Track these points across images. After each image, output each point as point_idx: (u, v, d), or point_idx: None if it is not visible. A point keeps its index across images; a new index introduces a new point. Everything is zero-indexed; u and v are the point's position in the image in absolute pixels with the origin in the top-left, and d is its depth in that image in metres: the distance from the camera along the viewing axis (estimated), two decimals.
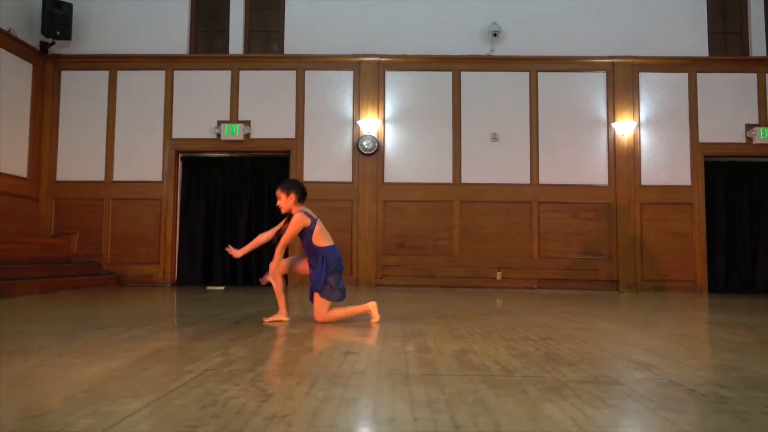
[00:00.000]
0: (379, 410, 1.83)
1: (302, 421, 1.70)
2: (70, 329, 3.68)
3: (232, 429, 1.61)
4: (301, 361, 2.70)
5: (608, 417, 1.80)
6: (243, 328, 3.81)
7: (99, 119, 9.54)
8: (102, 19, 9.64)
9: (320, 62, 9.56)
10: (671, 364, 2.74)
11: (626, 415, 1.84)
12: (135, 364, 2.54)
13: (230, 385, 2.12)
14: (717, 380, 2.39)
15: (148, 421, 1.68)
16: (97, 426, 1.61)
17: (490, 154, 9.43)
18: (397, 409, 1.84)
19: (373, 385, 2.21)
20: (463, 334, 3.65)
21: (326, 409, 1.84)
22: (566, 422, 1.72)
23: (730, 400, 2.05)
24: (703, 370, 2.62)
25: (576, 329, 4.05)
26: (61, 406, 1.83)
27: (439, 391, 2.10)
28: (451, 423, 1.69)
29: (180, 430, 1.59)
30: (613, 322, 4.66)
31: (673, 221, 9.26)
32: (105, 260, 9.37)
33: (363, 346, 3.14)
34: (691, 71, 9.43)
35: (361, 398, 1.98)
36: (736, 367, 2.72)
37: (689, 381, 2.35)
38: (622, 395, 2.09)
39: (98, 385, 2.13)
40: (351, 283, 9.22)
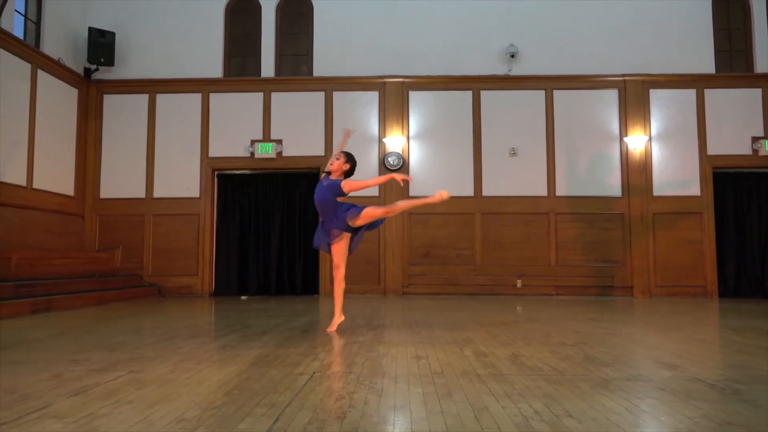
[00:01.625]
0: (472, 401, 2.37)
1: (418, 409, 2.24)
2: (165, 339, 4.24)
3: (370, 414, 2.15)
4: (385, 364, 3.24)
5: (651, 405, 2.33)
6: (314, 338, 4.34)
7: (140, 140, 10.14)
8: (142, 46, 10.25)
9: (347, 83, 10.14)
10: (693, 364, 3.27)
11: (664, 404, 2.37)
12: (251, 368, 3.09)
13: (344, 384, 2.67)
14: (733, 377, 2.91)
15: (305, 410, 2.22)
16: (270, 413, 2.15)
17: (509, 169, 9.96)
18: (484, 400, 2.38)
19: (455, 383, 2.74)
20: (505, 341, 4.18)
21: (430, 400, 2.38)
22: (619, 409, 2.25)
23: (743, 392, 2.57)
24: (720, 369, 3.14)
25: (604, 335, 4.57)
26: (230, 399, 2.38)
27: (510, 387, 2.63)
28: (532, 410, 2.23)
29: (332, 417, 2.13)
30: (635, 327, 5.18)
31: (684, 230, 9.77)
32: (146, 273, 9.95)
33: (427, 351, 3.67)
34: (699, 87, 9.95)
35: (454, 393, 2.52)
36: (749, 366, 3.24)
37: (710, 378, 2.87)
38: (657, 389, 2.62)
39: (240, 384, 2.68)
40: (379, 291, 9.79)
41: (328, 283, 9.86)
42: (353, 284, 9.80)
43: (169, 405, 2.29)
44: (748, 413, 2.21)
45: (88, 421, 2.07)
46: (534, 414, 2.16)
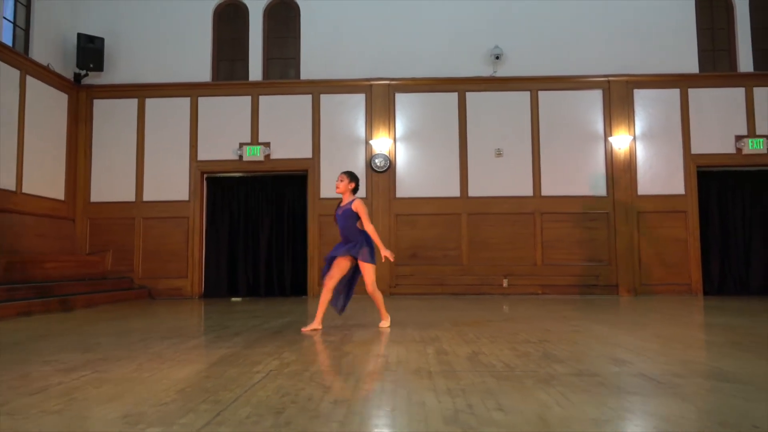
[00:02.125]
0: (412, 397, 2.47)
1: (357, 404, 2.34)
2: (140, 340, 4.34)
3: (307, 409, 2.25)
4: (344, 362, 3.34)
5: (582, 399, 2.42)
6: (285, 337, 4.45)
7: (129, 144, 10.26)
8: (131, 51, 10.36)
9: (334, 86, 10.24)
10: (645, 359, 3.36)
11: (595, 397, 2.46)
12: (212, 367, 3.19)
13: (295, 381, 2.77)
14: (677, 372, 3.01)
15: (247, 405, 2.32)
16: (214, 408, 2.26)
17: (495, 169, 10.06)
18: (425, 396, 2.48)
19: (404, 379, 2.84)
20: (473, 339, 4.28)
21: (373, 396, 2.48)
22: (550, 402, 2.35)
23: (680, 385, 2.67)
24: (669, 365, 3.23)
25: (571, 332, 4.67)
26: (179, 396, 2.48)
27: (455, 383, 2.73)
28: (466, 404, 2.32)
29: (271, 412, 2.23)
30: (605, 325, 5.27)
31: (669, 228, 9.85)
32: (137, 275, 10.06)
33: (390, 350, 3.77)
34: (683, 87, 10.04)
35: (398, 389, 2.62)
36: (698, 361, 3.33)
37: (654, 372, 2.97)
38: (598, 384, 2.71)
39: (196, 382, 2.78)
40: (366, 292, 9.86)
41: (317, 284, 9.97)
42: (341, 285, 9.92)
43: (120, 402, 2.39)
44: (674, 405, 2.31)
45: (38, 417, 2.17)
46: (466, 407, 2.26)
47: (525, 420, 2.09)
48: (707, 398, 2.45)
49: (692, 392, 2.54)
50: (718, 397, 2.48)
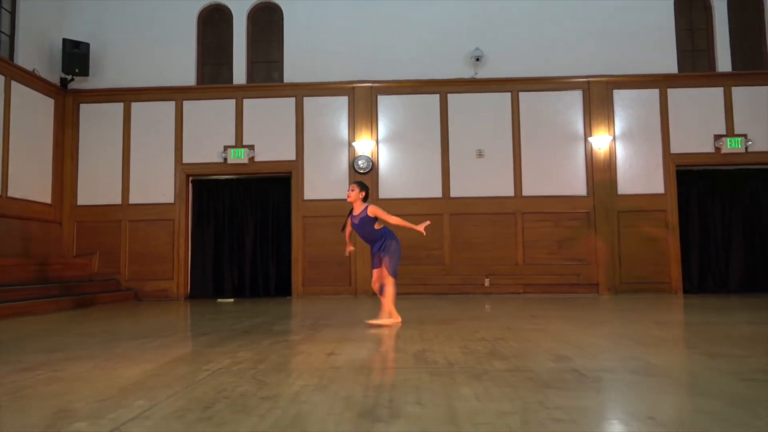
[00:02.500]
0: (340, 392, 2.58)
1: (285, 399, 2.46)
2: (108, 340, 4.47)
3: (236, 404, 2.37)
4: (293, 360, 3.46)
5: (503, 393, 2.53)
6: (250, 337, 4.57)
7: (115, 147, 10.39)
8: (117, 55, 10.50)
9: (317, 89, 10.36)
10: (586, 356, 3.47)
11: (517, 391, 2.57)
12: (165, 365, 3.31)
13: (236, 378, 2.89)
14: (610, 367, 3.12)
15: (181, 401, 2.44)
16: (147, 404, 2.37)
17: (477, 170, 10.17)
18: (354, 391, 2.59)
19: (343, 376, 2.96)
20: (430, 337, 4.39)
21: (304, 392, 2.59)
22: (470, 396, 2.46)
23: (604, 380, 2.78)
24: (607, 361, 3.35)
25: (530, 330, 4.79)
26: (119, 393, 2.60)
27: (390, 379, 2.85)
28: (388, 399, 2.44)
29: (200, 407, 2.35)
30: (568, 323, 5.38)
31: (649, 227, 9.96)
32: (123, 277, 10.19)
33: (344, 348, 3.89)
34: (662, 87, 10.15)
35: (331, 385, 2.73)
36: (637, 358, 3.44)
37: (587, 368, 3.08)
38: (526, 379, 2.83)
39: (141, 380, 2.90)
40: (350, 292, 10.01)
41: (301, 284, 10.10)
42: (325, 286, 10.09)
43: (60, 399, 2.51)
44: (584, 399, 2.42)
45: None
46: (387, 402, 2.38)
47: (435, 413, 2.21)
48: (621, 392, 2.56)
49: (610, 387, 2.65)
50: (633, 390, 2.59)
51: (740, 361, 3.24)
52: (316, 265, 10.09)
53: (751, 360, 3.31)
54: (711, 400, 2.37)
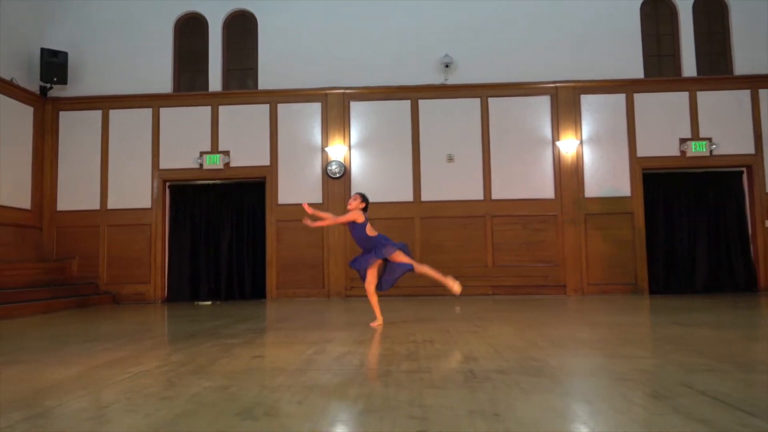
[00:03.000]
0: (237, 393, 2.80)
1: (181, 399, 2.67)
2: (58, 344, 4.69)
3: (132, 404, 2.59)
4: (217, 363, 3.67)
5: (386, 392, 2.75)
6: (194, 340, 4.79)
7: (94, 154, 10.62)
8: (95, 64, 10.73)
9: (291, 96, 10.58)
10: (492, 357, 3.68)
11: (400, 390, 2.78)
12: (95, 368, 3.53)
13: (151, 380, 3.11)
14: (507, 368, 3.33)
15: (85, 401, 2.66)
16: (53, 404, 2.59)
17: (447, 174, 10.38)
18: (249, 392, 2.81)
19: (251, 377, 3.17)
20: (365, 340, 4.61)
21: (203, 392, 2.81)
22: (352, 395, 2.68)
23: (489, 380, 2.99)
24: (510, 362, 3.55)
25: (466, 332, 5.00)
26: (34, 394, 2.82)
27: (296, 380, 3.06)
28: (275, 398, 2.65)
29: (100, 406, 2.57)
30: (509, 324, 5.59)
31: (615, 229, 10.16)
32: (102, 281, 10.42)
33: (273, 351, 4.11)
34: (628, 92, 10.35)
35: (233, 386, 2.95)
36: (540, 359, 3.65)
37: (485, 368, 3.29)
38: (417, 380, 3.04)
39: (63, 382, 3.12)
40: (323, 295, 10.23)
41: (275, 287, 10.32)
42: (298, 288, 10.31)
43: None
44: (453, 399, 2.63)
45: None
46: (272, 402, 2.59)
47: (307, 412, 2.42)
48: (491, 391, 2.77)
49: (490, 386, 2.86)
50: (507, 391, 2.79)
51: (632, 362, 3.45)
52: (289, 267, 10.31)
53: (645, 361, 3.52)
54: (571, 398, 2.58)
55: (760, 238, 10.06)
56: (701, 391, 2.67)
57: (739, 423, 2.18)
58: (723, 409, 2.36)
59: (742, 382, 2.88)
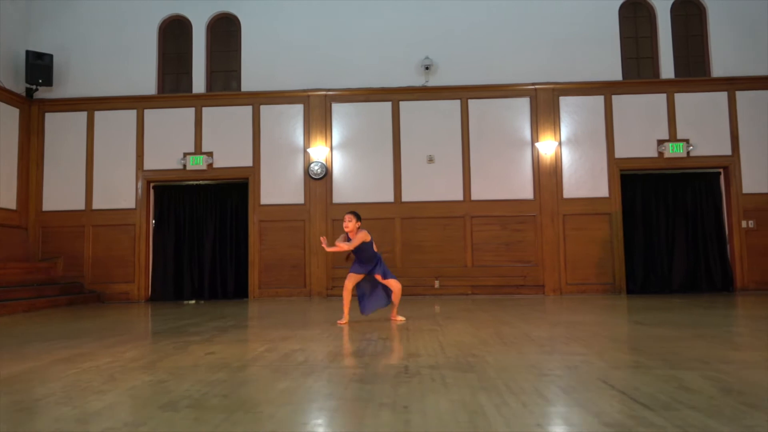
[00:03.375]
0: (171, 387, 2.92)
1: (112, 395, 2.80)
2: (23, 342, 4.81)
3: (68, 396, 2.71)
4: (166, 360, 3.79)
5: (310, 384, 2.87)
6: (157, 338, 4.91)
7: (79, 155, 10.75)
8: (80, 66, 10.86)
9: (274, 97, 10.71)
10: (435, 353, 3.80)
11: (328, 383, 2.90)
12: (49, 365, 3.65)
13: (93, 376, 3.23)
14: (442, 363, 3.44)
15: (20, 395, 2.78)
16: None
17: (427, 175, 10.50)
18: (182, 386, 2.93)
19: (194, 372, 3.29)
20: (320, 338, 4.72)
21: (138, 386, 2.93)
22: (279, 388, 2.80)
23: (421, 375, 3.11)
24: (447, 358, 3.67)
25: (424, 331, 5.11)
26: None
27: (232, 376, 3.18)
28: (203, 392, 2.77)
29: (32, 399, 2.69)
30: (471, 323, 5.71)
31: (594, 230, 10.28)
32: (87, 280, 10.55)
33: (227, 350, 4.22)
34: (607, 94, 10.46)
35: (168, 381, 3.07)
36: (479, 355, 3.76)
37: (421, 364, 3.41)
38: (350, 374, 3.16)
39: (9, 378, 3.24)
40: (305, 294, 10.35)
41: (257, 287, 10.44)
42: (280, 288, 10.43)
43: None
44: (381, 391, 2.75)
45: None
46: (200, 396, 2.71)
47: (228, 403, 2.54)
48: (417, 386, 2.88)
49: (416, 381, 2.97)
50: (429, 385, 2.90)
51: (565, 359, 3.57)
52: (271, 267, 10.44)
53: (579, 357, 3.63)
54: (486, 392, 2.70)
55: (736, 238, 10.17)
56: (612, 386, 2.78)
57: (629, 415, 2.29)
58: (622, 403, 2.47)
59: (659, 378, 2.99)
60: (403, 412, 2.38)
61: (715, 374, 3.02)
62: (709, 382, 2.85)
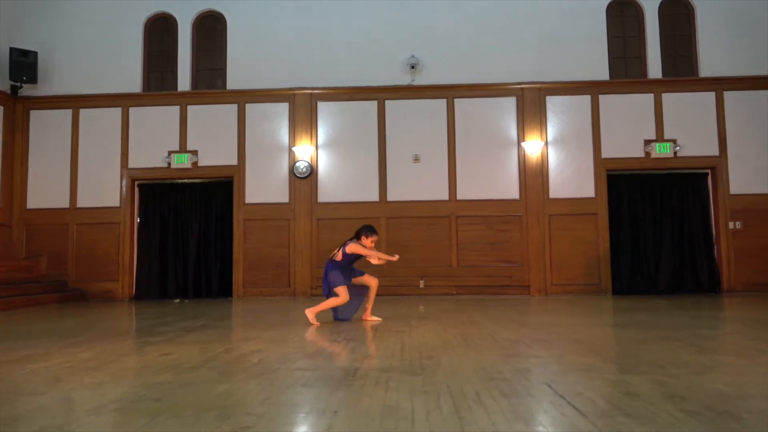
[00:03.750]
0: (108, 389, 2.87)
1: (47, 397, 2.75)
2: None
3: (4, 399, 2.66)
4: (119, 360, 3.74)
5: (251, 388, 2.82)
6: (120, 337, 4.87)
7: (64, 153, 10.71)
8: (65, 63, 10.82)
9: (259, 96, 10.66)
10: (392, 356, 3.75)
11: (269, 387, 2.85)
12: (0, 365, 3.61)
13: (39, 377, 3.18)
14: (394, 366, 3.39)
15: None
16: None
17: (413, 174, 10.44)
18: (119, 389, 2.88)
19: (138, 375, 3.25)
20: (287, 339, 4.67)
21: (76, 388, 2.89)
22: (222, 390, 2.75)
23: (368, 378, 3.06)
24: (403, 361, 3.61)
25: (392, 332, 5.06)
26: None
27: (173, 377, 3.13)
28: (139, 395, 2.73)
29: None
30: (443, 324, 5.65)
31: (580, 230, 10.21)
32: (71, 279, 10.51)
33: (184, 351, 4.17)
34: (594, 93, 10.39)
35: (114, 381, 3.02)
36: (435, 357, 3.71)
37: (372, 367, 3.36)
38: (298, 377, 3.11)
39: None
40: (289, 294, 10.31)
41: (242, 286, 10.39)
42: (264, 287, 10.39)
43: None
44: (317, 395, 2.70)
45: None
46: (135, 397, 2.67)
47: (159, 406, 2.50)
48: (357, 390, 2.83)
49: (358, 385, 2.92)
50: (371, 389, 2.85)
51: (519, 361, 3.52)
52: (256, 266, 10.39)
53: (533, 360, 3.58)
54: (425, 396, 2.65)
55: (723, 239, 10.11)
56: (555, 391, 2.74)
57: (558, 421, 2.24)
58: (558, 409, 2.42)
59: (607, 382, 2.94)
60: (332, 416, 2.33)
61: (664, 378, 2.97)
62: (656, 387, 2.80)
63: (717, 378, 3.00)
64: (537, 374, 3.16)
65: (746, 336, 4.61)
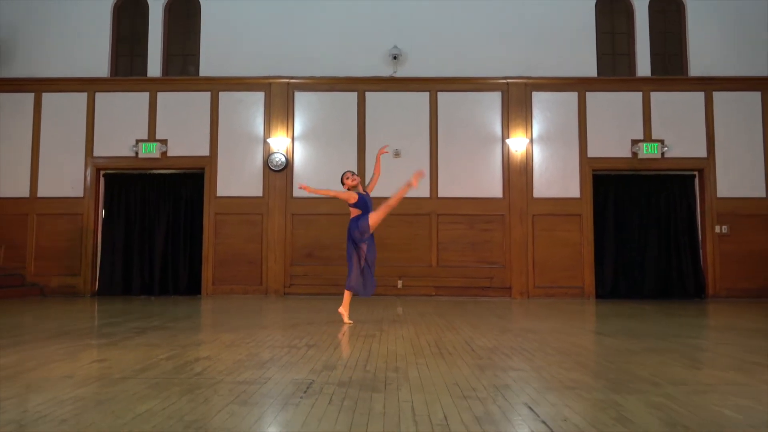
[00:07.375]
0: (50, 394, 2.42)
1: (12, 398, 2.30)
2: None
3: None
4: (45, 366, 3.27)
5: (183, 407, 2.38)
6: (55, 340, 4.37)
7: (24, 139, 10.12)
8: (28, 44, 10.22)
9: (233, 84, 10.16)
10: (356, 366, 3.33)
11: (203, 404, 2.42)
12: None
13: None
14: (354, 379, 2.97)
15: None
16: None
17: (393, 170, 9.94)
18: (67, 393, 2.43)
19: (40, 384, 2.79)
20: (243, 344, 4.23)
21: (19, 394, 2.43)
22: (144, 409, 2.31)
23: (321, 395, 2.64)
24: (366, 372, 3.20)
25: (362, 336, 4.66)
26: None
27: (96, 390, 2.68)
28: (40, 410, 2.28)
29: None
30: (414, 328, 5.26)
31: (563, 231, 9.88)
32: (29, 272, 9.93)
33: (122, 356, 3.71)
34: (581, 90, 10.06)
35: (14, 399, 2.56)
36: (402, 369, 3.30)
37: (328, 381, 2.94)
38: (239, 392, 2.67)
39: None
40: (260, 292, 9.84)
41: (211, 283, 9.90)
42: (236, 284, 9.91)
43: None
44: (246, 415, 2.28)
45: None
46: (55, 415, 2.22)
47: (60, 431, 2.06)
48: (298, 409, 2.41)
49: (307, 404, 2.51)
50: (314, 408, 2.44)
51: (499, 376, 3.12)
52: (227, 263, 9.90)
53: (515, 374, 3.19)
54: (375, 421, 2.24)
55: (710, 244, 9.84)
56: (537, 415, 2.34)
57: None
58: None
59: (596, 404, 2.55)
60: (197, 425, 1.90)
61: (661, 400, 2.59)
62: (653, 411, 2.41)
63: (720, 400, 2.63)
64: (516, 392, 2.76)
65: (742, 347, 4.26)
